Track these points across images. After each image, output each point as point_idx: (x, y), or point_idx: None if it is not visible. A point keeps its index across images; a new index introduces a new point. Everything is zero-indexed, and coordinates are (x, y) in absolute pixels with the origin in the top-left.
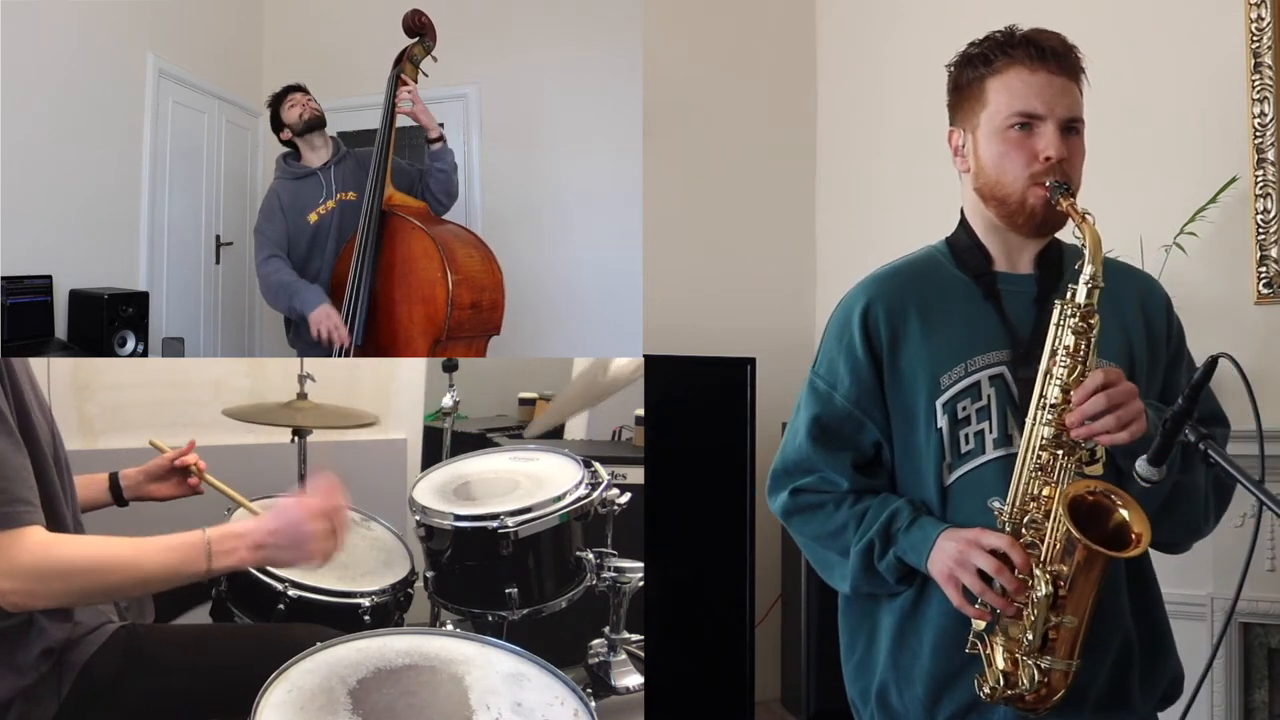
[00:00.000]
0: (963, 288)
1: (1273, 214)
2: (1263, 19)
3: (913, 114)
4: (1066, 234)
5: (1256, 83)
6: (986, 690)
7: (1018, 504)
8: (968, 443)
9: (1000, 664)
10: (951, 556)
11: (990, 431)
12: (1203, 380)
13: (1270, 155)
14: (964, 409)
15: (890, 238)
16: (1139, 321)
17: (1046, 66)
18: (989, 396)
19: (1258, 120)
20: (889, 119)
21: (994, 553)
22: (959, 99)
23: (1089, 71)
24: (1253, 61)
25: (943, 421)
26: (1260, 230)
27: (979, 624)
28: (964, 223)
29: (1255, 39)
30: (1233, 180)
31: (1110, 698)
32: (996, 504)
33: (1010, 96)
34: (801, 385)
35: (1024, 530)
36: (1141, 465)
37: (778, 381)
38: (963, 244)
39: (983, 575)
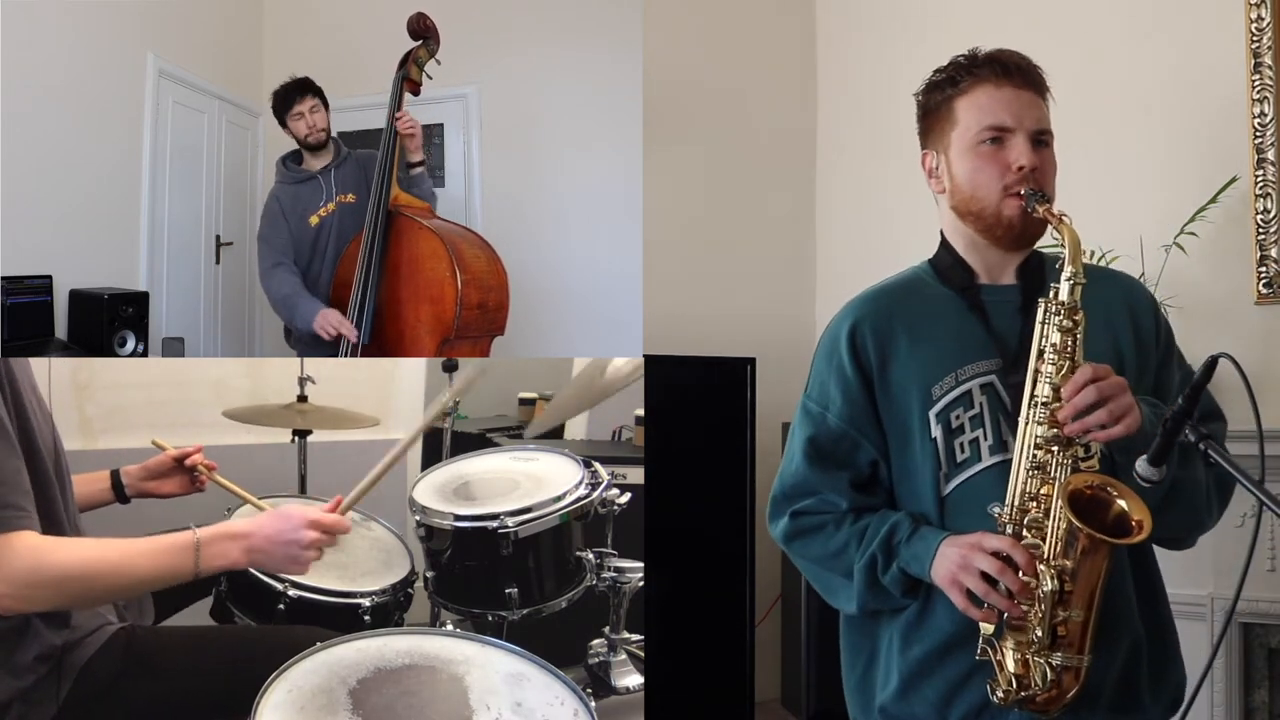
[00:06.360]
0: (948, 302)
1: (1273, 214)
2: (1263, 19)
3: (913, 114)
4: (1047, 244)
5: (1256, 83)
6: (999, 694)
7: (1017, 505)
8: (963, 451)
9: (1011, 667)
10: (954, 562)
11: (985, 439)
12: (1203, 380)
13: (1270, 155)
14: (957, 418)
15: (890, 238)
16: (1126, 323)
17: (1012, 81)
18: (981, 404)
19: (1258, 120)
20: (889, 119)
21: (996, 555)
22: (929, 123)
23: (1098, 70)
24: (1253, 61)
25: (937, 431)
26: (1260, 230)
27: (987, 629)
28: (944, 243)
29: (1255, 39)
30: (1233, 180)
31: (1121, 698)
32: (996, 508)
33: (979, 113)
34: (802, 384)
35: (1025, 531)
36: (1142, 465)
37: (778, 381)
38: (945, 262)
39: (986, 578)
